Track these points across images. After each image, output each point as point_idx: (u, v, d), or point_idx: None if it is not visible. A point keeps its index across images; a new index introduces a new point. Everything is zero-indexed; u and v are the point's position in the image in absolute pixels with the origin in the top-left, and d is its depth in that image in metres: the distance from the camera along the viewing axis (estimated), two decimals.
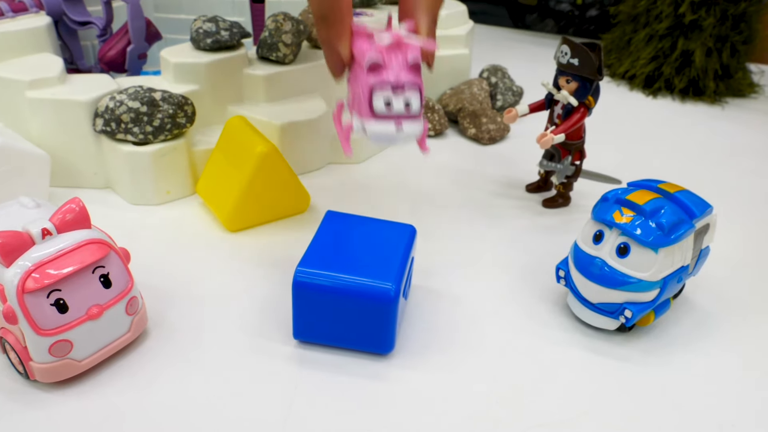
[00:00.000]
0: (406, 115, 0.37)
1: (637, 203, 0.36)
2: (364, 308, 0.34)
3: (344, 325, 0.35)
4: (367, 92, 0.37)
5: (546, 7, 1.01)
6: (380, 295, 0.33)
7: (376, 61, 0.36)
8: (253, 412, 0.32)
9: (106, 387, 0.33)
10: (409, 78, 0.36)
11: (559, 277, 0.40)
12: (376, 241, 0.37)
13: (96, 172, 0.50)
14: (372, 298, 0.33)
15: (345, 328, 0.35)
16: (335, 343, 0.36)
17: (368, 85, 0.37)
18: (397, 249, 0.36)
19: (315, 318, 0.35)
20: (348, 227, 0.38)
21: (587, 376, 0.36)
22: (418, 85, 0.37)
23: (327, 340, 0.36)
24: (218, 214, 0.47)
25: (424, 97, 0.38)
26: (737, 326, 0.40)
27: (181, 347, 0.36)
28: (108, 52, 0.57)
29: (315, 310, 0.34)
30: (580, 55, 0.45)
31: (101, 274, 0.33)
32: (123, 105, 0.47)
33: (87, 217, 0.34)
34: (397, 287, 0.33)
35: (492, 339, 0.38)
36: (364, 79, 0.37)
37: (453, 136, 0.64)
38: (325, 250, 0.36)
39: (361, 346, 0.35)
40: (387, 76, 0.36)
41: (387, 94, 0.36)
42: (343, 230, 0.37)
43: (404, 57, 0.37)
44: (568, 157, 0.49)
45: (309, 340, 0.36)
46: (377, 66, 0.36)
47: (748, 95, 0.80)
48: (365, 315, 0.34)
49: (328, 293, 0.34)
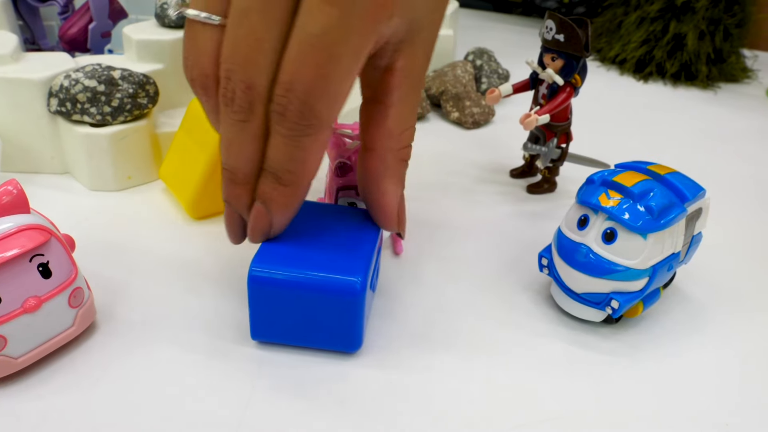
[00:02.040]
0: None
1: (624, 185, 0.33)
2: (328, 304, 0.31)
3: (307, 323, 0.31)
4: (333, 192, 0.38)
5: (532, 4, 0.98)
6: (345, 289, 0.30)
7: (344, 163, 0.37)
8: (206, 416, 0.29)
9: (45, 386, 0.30)
10: None
11: (542, 265, 0.37)
12: (340, 230, 0.33)
13: (53, 156, 0.47)
14: (336, 293, 0.30)
15: (308, 326, 0.32)
16: (298, 343, 0.33)
17: (335, 186, 0.38)
18: (363, 238, 0.33)
19: (275, 317, 0.32)
20: (309, 215, 0.34)
21: (571, 371, 0.33)
22: None
23: (288, 339, 0.33)
24: (181, 200, 0.44)
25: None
26: (731, 318, 0.38)
27: (131, 343, 0.33)
28: (69, 30, 0.54)
29: (274, 309, 0.31)
30: (566, 30, 0.42)
31: (40, 262, 0.30)
32: (79, 84, 0.44)
33: (25, 201, 0.31)
34: (363, 280, 0.30)
35: (469, 332, 0.35)
36: (331, 179, 0.38)
37: (435, 120, 0.61)
38: (284, 242, 0.32)
39: (326, 345, 0.33)
40: (351, 179, 0.37)
41: (351, 199, 0.38)
42: (303, 219, 0.34)
43: None
44: (554, 140, 0.46)
45: (269, 340, 0.33)
46: (345, 167, 0.37)
47: (741, 80, 0.77)
48: (330, 311, 0.31)
49: (287, 290, 0.30)
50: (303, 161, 0.29)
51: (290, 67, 0.27)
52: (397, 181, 0.33)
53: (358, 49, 0.27)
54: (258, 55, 0.28)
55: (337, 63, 0.27)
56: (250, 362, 0.32)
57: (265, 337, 0.33)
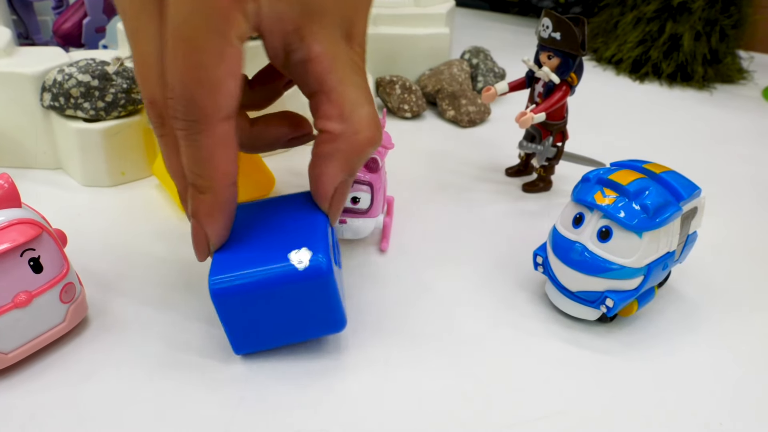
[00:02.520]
0: (354, 211, 0.37)
1: (620, 183, 0.33)
2: (300, 293, 0.29)
3: (286, 320, 0.30)
4: None
5: (528, 4, 0.98)
6: (312, 272, 0.29)
7: None
8: (197, 415, 0.29)
9: (35, 382, 0.30)
10: (358, 175, 0.36)
11: (537, 263, 0.37)
12: (287, 219, 0.32)
13: (45, 151, 0.47)
14: (304, 278, 0.29)
15: (288, 322, 0.30)
16: (284, 342, 0.32)
17: None
18: (313, 219, 0.32)
19: (251, 325, 0.30)
20: (253, 214, 0.33)
21: (565, 370, 0.33)
22: (368, 183, 0.37)
23: (273, 342, 0.32)
24: (175, 196, 0.44)
25: (379, 197, 0.38)
26: (726, 317, 0.37)
27: (123, 340, 0.33)
28: (63, 24, 0.53)
29: (248, 316, 0.30)
30: (563, 28, 0.42)
31: (31, 257, 0.30)
32: (72, 78, 0.43)
33: (16, 195, 0.31)
34: (326, 258, 0.29)
35: (462, 331, 0.35)
36: None
37: (431, 118, 0.61)
38: (235, 247, 0.31)
39: (312, 334, 0.32)
40: None
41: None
42: (247, 220, 0.32)
43: None
44: (550, 138, 0.46)
45: (253, 350, 0.32)
46: None
47: (737, 81, 0.77)
48: (303, 299, 0.30)
49: (254, 292, 0.29)
50: (208, 161, 0.28)
51: (169, 67, 0.27)
52: (341, 165, 0.31)
53: (223, 30, 0.26)
54: (146, 70, 0.28)
55: (203, 49, 0.26)
56: (243, 360, 0.32)
57: (249, 348, 0.32)
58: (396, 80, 0.59)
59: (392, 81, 0.60)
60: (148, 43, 0.28)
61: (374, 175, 0.37)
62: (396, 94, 0.59)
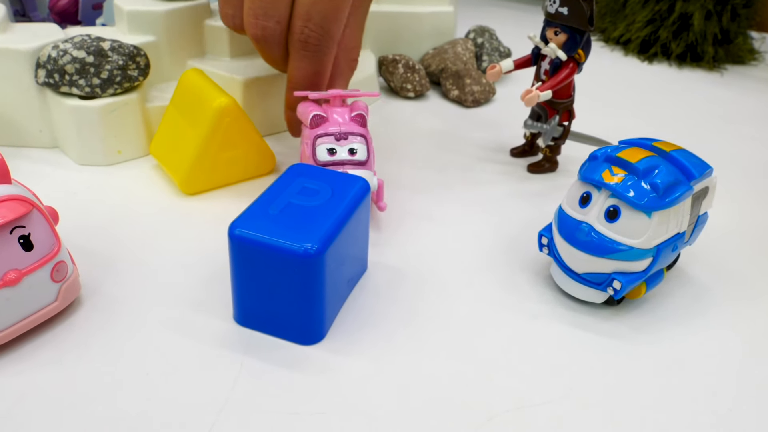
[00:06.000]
0: (352, 162, 0.38)
1: (629, 161, 0.32)
2: (293, 271, 0.29)
3: (280, 301, 0.30)
4: (311, 144, 0.39)
5: None
6: (305, 254, 0.29)
7: (319, 115, 0.39)
8: (190, 395, 0.28)
9: (26, 362, 0.29)
10: (352, 128, 0.39)
11: (542, 245, 0.36)
12: (320, 197, 0.32)
13: (41, 129, 0.46)
14: (298, 256, 0.29)
15: (281, 304, 0.31)
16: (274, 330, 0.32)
17: (312, 136, 0.39)
18: (339, 204, 0.32)
19: (253, 290, 0.31)
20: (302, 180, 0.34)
21: (570, 353, 0.32)
22: (362, 135, 0.39)
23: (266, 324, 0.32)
24: (173, 175, 0.43)
25: (372, 149, 0.39)
26: (736, 302, 0.36)
27: (116, 320, 0.32)
28: (59, 1, 0.52)
29: (251, 279, 0.30)
30: (570, 3, 0.41)
31: (21, 234, 0.29)
32: (67, 54, 0.42)
33: (6, 172, 0.30)
34: (321, 247, 0.29)
35: (464, 313, 0.34)
36: (308, 134, 0.39)
37: (435, 98, 0.60)
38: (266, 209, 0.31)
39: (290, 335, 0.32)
40: (329, 126, 0.39)
41: (330, 144, 0.38)
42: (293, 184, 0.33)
43: (347, 111, 0.40)
44: (556, 117, 0.45)
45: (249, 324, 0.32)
46: (320, 119, 0.39)
47: (747, 62, 0.76)
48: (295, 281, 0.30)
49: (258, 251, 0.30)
50: (324, 72, 0.41)
51: (313, 5, 0.38)
52: (343, 81, 0.44)
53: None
54: (276, 2, 0.39)
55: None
56: (237, 342, 0.31)
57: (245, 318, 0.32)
58: (399, 59, 0.58)
59: (395, 60, 0.58)
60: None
61: (364, 129, 0.40)
62: (399, 73, 0.58)
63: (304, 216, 0.31)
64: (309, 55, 0.40)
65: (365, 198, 0.33)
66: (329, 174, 0.34)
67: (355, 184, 0.33)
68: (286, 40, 0.40)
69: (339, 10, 0.39)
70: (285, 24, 0.39)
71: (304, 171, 0.34)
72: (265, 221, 0.30)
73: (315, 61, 0.40)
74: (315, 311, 0.31)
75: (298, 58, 0.40)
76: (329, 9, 0.38)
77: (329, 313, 0.32)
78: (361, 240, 0.35)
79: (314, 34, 0.39)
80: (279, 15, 0.39)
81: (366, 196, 0.34)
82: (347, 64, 0.44)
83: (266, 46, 0.40)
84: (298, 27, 0.39)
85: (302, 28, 0.39)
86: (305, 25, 0.38)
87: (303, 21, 0.38)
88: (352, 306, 0.34)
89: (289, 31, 0.39)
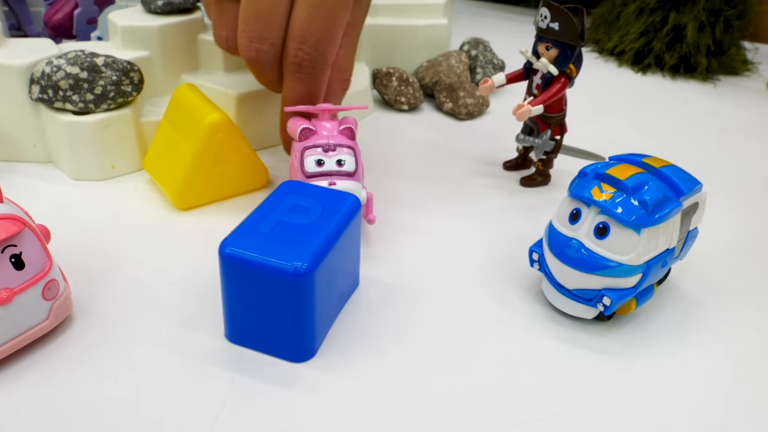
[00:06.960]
0: (340, 173, 0.38)
1: (618, 178, 0.32)
2: (283, 289, 0.29)
3: (271, 318, 0.30)
4: (299, 156, 0.39)
5: None
6: (295, 273, 0.29)
7: (308, 128, 0.39)
8: (181, 414, 0.28)
9: (16, 381, 0.29)
10: (340, 140, 0.39)
11: (533, 260, 0.36)
12: (311, 214, 0.32)
13: (35, 144, 0.46)
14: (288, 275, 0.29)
15: (272, 321, 0.31)
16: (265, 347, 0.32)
17: (300, 149, 0.39)
18: (330, 221, 0.32)
19: (244, 308, 0.31)
20: (293, 198, 0.34)
21: (561, 370, 0.32)
22: (350, 147, 0.39)
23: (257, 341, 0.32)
24: (167, 190, 0.43)
25: (360, 161, 0.39)
26: (727, 316, 0.37)
27: (108, 338, 0.32)
28: (54, 15, 0.52)
29: (242, 297, 0.30)
30: (561, 18, 0.41)
31: (12, 254, 0.29)
32: (61, 70, 0.42)
33: None
34: (311, 265, 0.29)
35: (455, 329, 0.34)
36: (297, 147, 0.40)
37: (428, 110, 0.60)
38: (256, 226, 0.31)
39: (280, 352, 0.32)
40: (317, 138, 0.39)
41: (318, 156, 0.38)
42: (284, 201, 0.33)
43: (336, 125, 0.40)
44: (548, 131, 0.45)
45: (240, 341, 0.32)
46: (309, 132, 0.39)
47: (741, 73, 0.76)
48: (285, 299, 0.30)
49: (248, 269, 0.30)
50: (319, 93, 0.41)
51: (307, 27, 0.38)
52: (336, 101, 0.45)
53: (347, 6, 0.39)
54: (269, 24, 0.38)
55: (335, 18, 0.39)
56: (228, 360, 0.31)
57: (237, 336, 0.32)
58: (393, 72, 0.58)
59: (389, 73, 0.59)
60: (279, 4, 0.38)
61: (353, 142, 0.40)
62: (393, 86, 0.58)
63: (295, 234, 0.31)
64: (303, 77, 0.40)
65: (356, 214, 0.34)
66: (320, 191, 0.34)
67: (346, 201, 0.34)
68: (280, 62, 0.40)
69: (333, 32, 0.39)
70: (279, 46, 0.39)
71: (295, 188, 0.34)
72: (255, 239, 0.30)
73: (309, 83, 0.40)
74: (306, 329, 0.31)
75: (292, 80, 0.40)
76: (323, 32, 0.38)
77: (320, 330, 0.32)
78: (353, 256, 0.35)
79: (308, 57, 0.39)
80: (273, 37, 0.39)
81: (357, 213, 0.34)
82: (340, 84, 0.45)
83: (260, 69, 0.40)
84: (293, 49, 0.39)
85: (296, 51, 0.39)
86: (299, 48, 0.39)
87: (297, 43, 0.38)
88: (343, 322, 0.34)
89: (283, 54, 0.40)
